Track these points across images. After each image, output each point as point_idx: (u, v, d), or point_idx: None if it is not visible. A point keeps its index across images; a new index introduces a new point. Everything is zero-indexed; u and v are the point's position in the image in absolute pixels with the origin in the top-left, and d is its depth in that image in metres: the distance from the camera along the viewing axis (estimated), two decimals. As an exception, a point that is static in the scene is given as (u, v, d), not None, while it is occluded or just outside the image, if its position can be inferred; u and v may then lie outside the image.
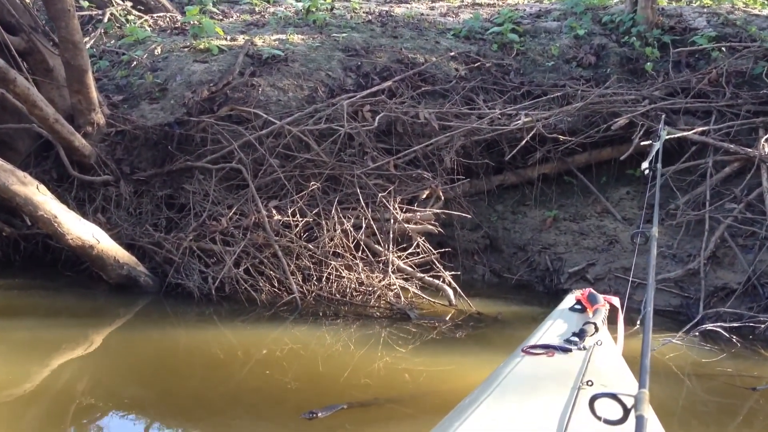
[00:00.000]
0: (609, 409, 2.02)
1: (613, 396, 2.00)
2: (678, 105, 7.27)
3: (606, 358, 2.69)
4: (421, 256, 6.24)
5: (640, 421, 1.81)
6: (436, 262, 6.20)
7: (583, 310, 3.26)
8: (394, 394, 4.35)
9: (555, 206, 7.27)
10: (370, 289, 5.95)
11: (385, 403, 4.21)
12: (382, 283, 5.96)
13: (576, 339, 2.76)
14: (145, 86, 7.63)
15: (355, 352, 5.05)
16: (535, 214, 7.26)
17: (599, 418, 2.02)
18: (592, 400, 2.05)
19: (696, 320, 5.52)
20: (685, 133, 6.83)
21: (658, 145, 4.55)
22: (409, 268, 6.16)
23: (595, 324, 2.90)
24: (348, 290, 5.93)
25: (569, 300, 3.46)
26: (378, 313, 5.82)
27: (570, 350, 2.68)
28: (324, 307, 5.84)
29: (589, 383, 2.34)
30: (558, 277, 6.63)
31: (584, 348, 2.69)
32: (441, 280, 6.10)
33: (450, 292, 6.01)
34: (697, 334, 5.41)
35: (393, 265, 6.07)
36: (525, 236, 7.10)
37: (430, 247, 6.28)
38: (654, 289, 2.91)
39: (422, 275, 6.14)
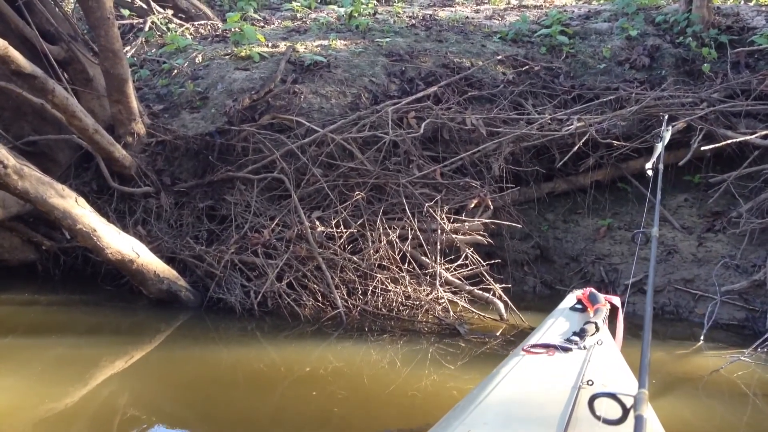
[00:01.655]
0: (608, 408, 2.05)
1: (613, 396, 2.03)
2: (738, 108, 6.92)
3: (606, 358, 2.73)
4: (470, 268, 6.00)
5: (639, 422, 1.83)
6: (486, 275, 5.95)
7: (584, 309, 3.31)
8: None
9: (609, 214, 6.97)
10: (418, 303, 5.74)
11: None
12: (430, 296, 5.73)
13: (576, 338, 2.81)
14: (185, 95, 7.52)
15: (402, 369, 4.85)
16: (588, 222, 6.97)
17: (599, 418, 2.05)
18: (592, 399, 2.08)
19: (766, 336, 5.18)
20: (746, 137, 6.49)
21: (661, 147, 4.46)
22: (458, 281, 5.92)
23: (595, 323, 2.96)
24: (394, 304, 5.73)
25: (570, 299, 3.51)
26: (426, 328, 5.59)
27: (570, 349, 2.73)
28: (370, 322, 5.64)
29: (590, 383, 2.37)
30: (614, 289, 6.32)
31: (585, 347, 2.74)
32: (491, 293, 5.86)
33: (501, 305, 5.76)
34: (765, 350, 5.10)
35: (441, 278, 5.84)
36: (577, 246, 6.81)
37: (479, 259, 6.03)
38: (653, 290, 2.96)
39: (471, 288, 5.89)
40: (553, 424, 2.13)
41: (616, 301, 3.52)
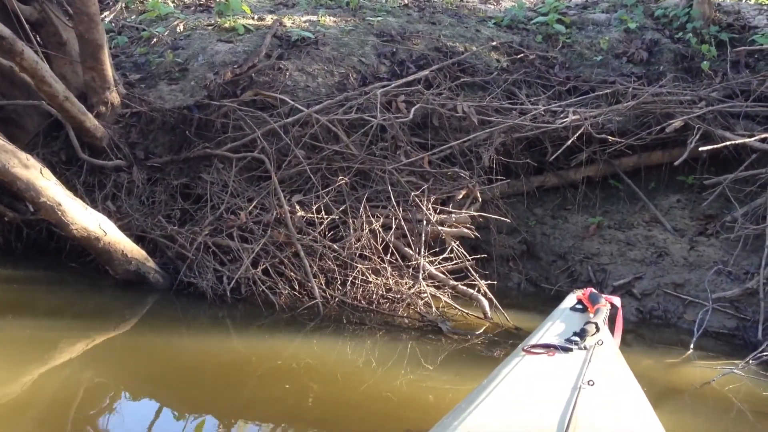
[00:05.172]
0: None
1: None
2: (737, 108, 6.71)
3: (607, 358, 2.77)
4: (455, 262, 5.76)
5: None
6: (471, 270, 5.70)
7: (585, 309, 3.33)
8: (427, 425, 3.89)
9: (599, 212, 6.75)
10: (399, 296, 5.49)
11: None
12: (412, 290, 5.48)
13: (577, 339, 2.83)
14: (164, 65, 7.21)
15: (379, 366, 4.64)
16: (577, 219, 6.74)
17: None
18: None
19: (762, 349, 4.98)
20: (744, 140, 6.28)
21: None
22: (442, 275, 5.67)
23: (596, 324, 2.98)
24: (374, 297, 5.48)
25: (570, 300, 3.54)
26: (406, 323, 5.36)
27: (571, 350, 2.76)
28: (348, 314, 5.41)
29: (591, 383, 2.40)
30: (601, 290, 6.08)
31: (585, 348, 2.78)
32: (476, 289, 5.62)
33: (485, 303, 5.52)
34: (757, 362, 4.91)
35: (424, 271, 5.59)
36: (565, 243, 6.58)
37: (465, 253, 5.79)
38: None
39: (455, 283, 5.65)
40: (553, 424, 2.15)
41: (617, 301, 3.53)
